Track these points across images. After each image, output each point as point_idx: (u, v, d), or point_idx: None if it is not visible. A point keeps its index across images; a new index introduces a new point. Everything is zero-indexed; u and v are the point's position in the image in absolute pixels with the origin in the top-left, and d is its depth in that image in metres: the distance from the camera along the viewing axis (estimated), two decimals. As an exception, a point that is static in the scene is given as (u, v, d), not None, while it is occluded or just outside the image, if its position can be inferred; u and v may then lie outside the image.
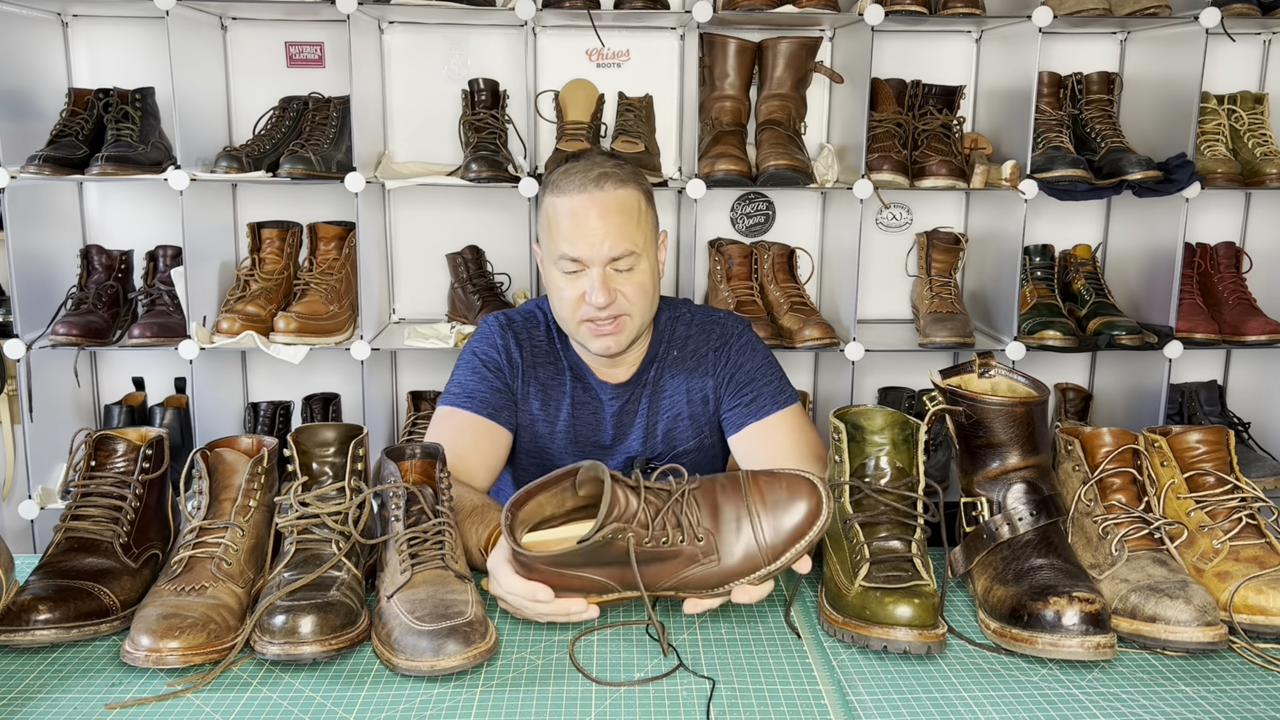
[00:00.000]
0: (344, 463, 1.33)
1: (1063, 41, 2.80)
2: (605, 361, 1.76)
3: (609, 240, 1.62)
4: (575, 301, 1.65)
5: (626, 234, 1.63)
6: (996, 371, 1.46)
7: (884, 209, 2.86)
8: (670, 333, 1.80)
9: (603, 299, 1.61)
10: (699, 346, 1.79)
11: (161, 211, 2.69)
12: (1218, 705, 1.13)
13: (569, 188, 1.64)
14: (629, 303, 1.65)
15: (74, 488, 1.34)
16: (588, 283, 1.63)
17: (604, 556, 1.21)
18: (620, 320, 1.65)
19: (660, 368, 1.79)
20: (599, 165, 1.66)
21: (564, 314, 1.68)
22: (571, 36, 2.72)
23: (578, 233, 1.62)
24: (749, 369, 1.77)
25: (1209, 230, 2.86)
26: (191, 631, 1.15)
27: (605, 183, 1.64)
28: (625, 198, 1.65)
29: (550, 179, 1.70)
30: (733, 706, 1.11)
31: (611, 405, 1.77)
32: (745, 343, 1.80)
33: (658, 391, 1.78)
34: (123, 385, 2.81)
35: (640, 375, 1.78)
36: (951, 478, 2.50)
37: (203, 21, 2.56)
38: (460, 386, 1.75)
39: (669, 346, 1.79)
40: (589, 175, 1.64)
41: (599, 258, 1.62)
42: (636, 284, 1.65)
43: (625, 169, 1.69)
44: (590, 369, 1.78)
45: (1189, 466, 1.40)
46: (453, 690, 1.13)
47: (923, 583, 1.22)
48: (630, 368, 1.78)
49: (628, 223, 1.64)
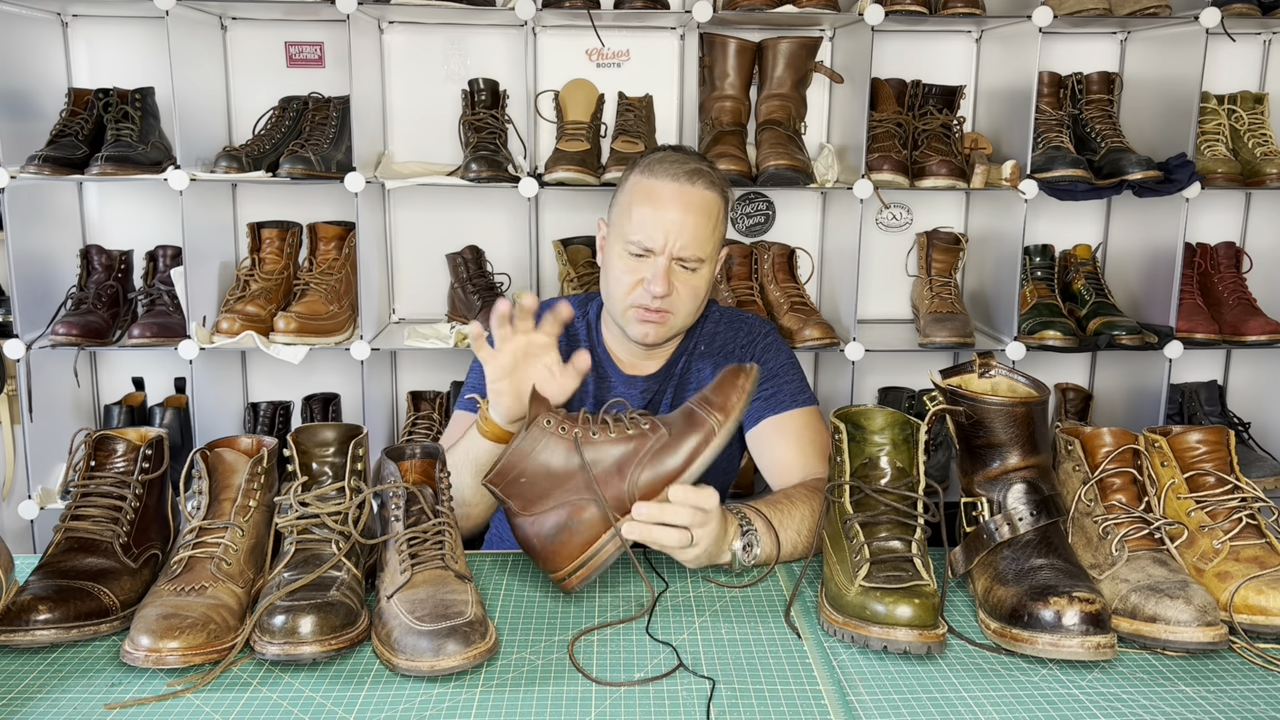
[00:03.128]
0: (344, 463, 1.33)
1: (1063, 41, 2.80)
2: (638, 352, 1.78)
3: (684, 237, 1.63)
4: (632, 284, 1.66)
5: (701, 237, 1.65)
6: (997, 371, 1.46)
7: (884, 209, 2.86)
8: (699, 329, 1.83)
9: (662, 288, 1.63)
10: (726, 343, 1.82)
11: (161, 211, 2.69)
12: (1218, 705, 1.13)
13: (661, 173, 1.65)
14: (680, 301, 1.67)
15: (74, 488, 1.34)
16: (650, 270, 1.64)
17: (561, 467, 1.31)
18: (666, 315, 1.67)
19: (688, 361, 1.81)
20: (695, 162, 1.68)
21: (615, 293, 1.69)
22: (571, 36, 2.72)
23: (656, 220, 1.63)
24: (773, 366, 1.79)
25: (1209, 230, 2.86)
26: (191, 631, 1.15)
27: (698, 180, 1.65)
28: (711, 201, 1.66)
29: (643, 159, 1.71)
30: (733, 706, 1.11)
31: (640, 399, 1.79)
32: (771, 342, 1.83)
33: (683, 383, 1.80)
34: (122, 385, 2.81)
35: (668, 369, 1.81)
36: (951, 478, 2.50)
37: (203, 21, 2.56)
38: (474, 390, 1.77)
39: (696, 342, 1.82)
40: (684, 167, 1.66)
41: (670, 249, 1.63)
42: (692, 287, 1.68)
43: (718, 174, 1.71)
44: (615, 364, 1.80)
45: (1189, 466, 1.40)
46: (453, 690, 1.13)
47: (923, 583, 1.21)
48: (660, 360, 1.81)
49: (705, 225, 1.65)
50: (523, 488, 1.32)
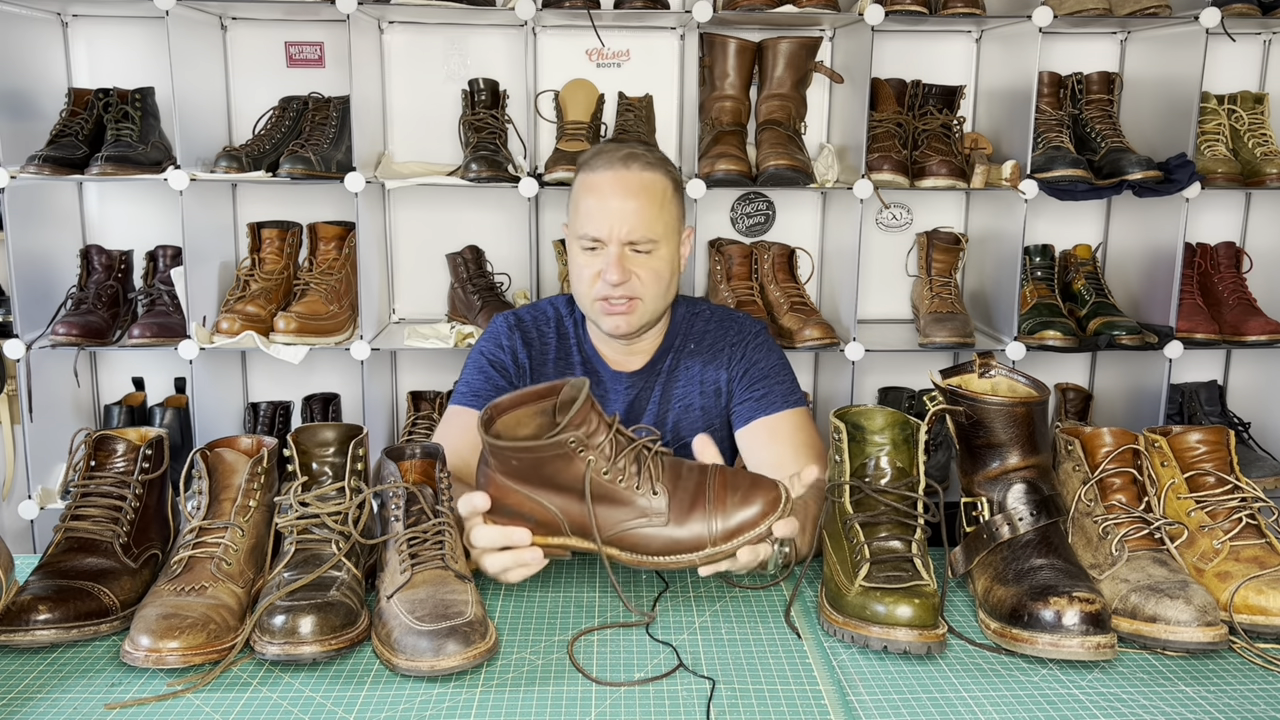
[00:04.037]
0: (344, 463, 1.33)
1: (1063, 41, 2.80)
2: (620, 349, 1.78)
3: (628, 220, 1.64)
4: (592, 278, 1.68)
5: (647, 217, 1.65)
6: (997, 371, 1.46)
7: (884, 209, 2.86)
8: (688, 327, 1.83)
9: (616, 275, 1.64)
10: (716, 341, 1.82)
11: (161, 211, 2.70)
12: (1218, 705, 1.13)
13: (598, 165, 1.68)
14: (642, 285, 1.67)
15: (74, 488, 1.34)
16: (604, 260, 1.66)
17: (561, 477, 1.22)
18: (633, 303, 1.68)
19: (676, 358, 1.81)
20: (631, 148, 1.70)
21: (581, 290, 1.72)
22: (571, 36, 2.72)
23: (600, 210, 1.65)
24: (764, 366, 1.79)
25: (1209, 230, 2.86)
26: (191, 631, 1.15)
27: (633, 163, 1.67)
28: (651, 181, 1.67)
29: (582, 158, 1.74)
30: (733, 706, 1.11)
31: (627, 394, 1.79)
32: (762, 342, 1.83)
33: (671, 381, 1.80)
34: (122, 385, 2.81)
35: (654, 364, 1.80)
36: (951, 478, 2.50)
37: (203, 21, 2.56)
38: (468, 385, 1.78)
39: (685, 339, 1.82)
40: (618, 154, 1.68)
41: (617, 236, 1.65)
42: (652, 269, 1.68)
43: (656, 154, 1.73)
44: (604, 360, 1.80)
45: (1189, 466, 1.40)
46: (453, 690, 1.13)
47: (923, 583, 1.21)
48: (644, 356, 1.80)
49: (650, 205, 1.66)
50: (513, 467, 1.26)
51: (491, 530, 1.27)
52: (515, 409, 1.28)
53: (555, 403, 1.29)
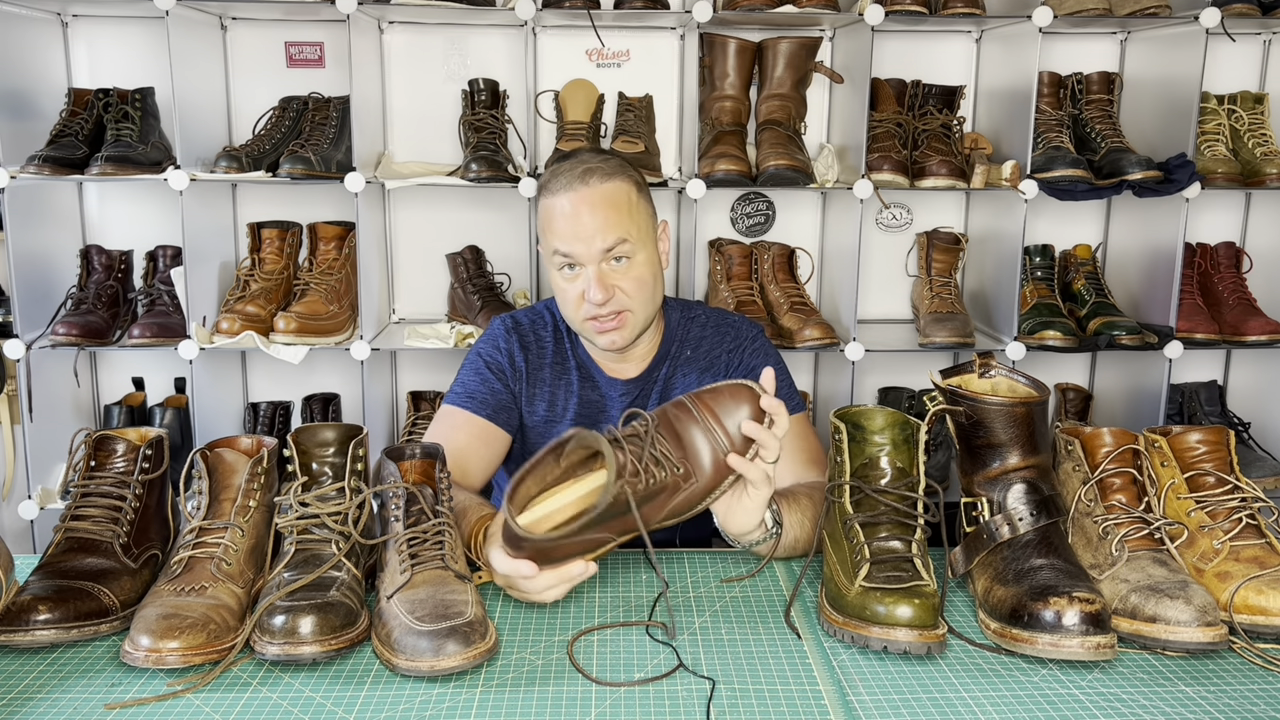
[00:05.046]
0: (344, 463, 1.33)
1: (1063, 41, 2.80)
2: (615, 357, 1.77)
3: (600, 235, 1.61)
4: (576, 301, 1.66)
5: (617, 226, 1.62)
6: (997, 371, 1.46)
7: (884, 209, 2.86)
8: (684, 332, 1.81)
9: (600, 295, 1.62)
10: (712, 348, 1.80)
11: (161, 211, 2.70)
12: (1218, 705, 1.13)
13: (557, 187, 1.65)
14: (629, 298, 1.65)
15: (74, 488, 1.34)
16: (585, 281, 1.63)
17: (605, 515, 1.23)
18: (623, 316, 1.66)
19: (672, 365, 1.79)
20: (585, 162, 1.67)
21: (568, 314, 1.70)
22: (571, 36, 2.72)
23: (569, 231, 1.63)
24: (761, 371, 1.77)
25: (1209, 230, 2.86)
26: (191, 632, 1.15)
27: (591, 178, 1.64)
28: (612, 191, 1.64)
29: (541, 180, 1.72)
30: (733, 706, 1.11)
31: (621, 402, 1.78)
32: (759, 346, 1.82)
33: (668, 388, 1.79)
34: (122, 385, 2.81)
35: (651, 372, 1.79)
36: (951, 478, 2.50)
37: (203, 21, 2.56)
38: (463, 386, 1.76)
39: (682, 345, 1.80)
40: (574, 173, 1.65)
41: (592, 254, 1.62)
42: (634, 278, 1.65)
43: (612, 163, 1.69)
44: (599, 367, 1.79)
45: (1189, 467, 1.40)
46: (453, 690, 1.13)
47: (923, 583, 1.21)
48: (640, 363, 1.79)
49: (618, 215, 1.63)
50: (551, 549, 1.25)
51: (505, 564, 1.25)
52: (524, 483, 1.27)
53: (558, 456, 1.29)
